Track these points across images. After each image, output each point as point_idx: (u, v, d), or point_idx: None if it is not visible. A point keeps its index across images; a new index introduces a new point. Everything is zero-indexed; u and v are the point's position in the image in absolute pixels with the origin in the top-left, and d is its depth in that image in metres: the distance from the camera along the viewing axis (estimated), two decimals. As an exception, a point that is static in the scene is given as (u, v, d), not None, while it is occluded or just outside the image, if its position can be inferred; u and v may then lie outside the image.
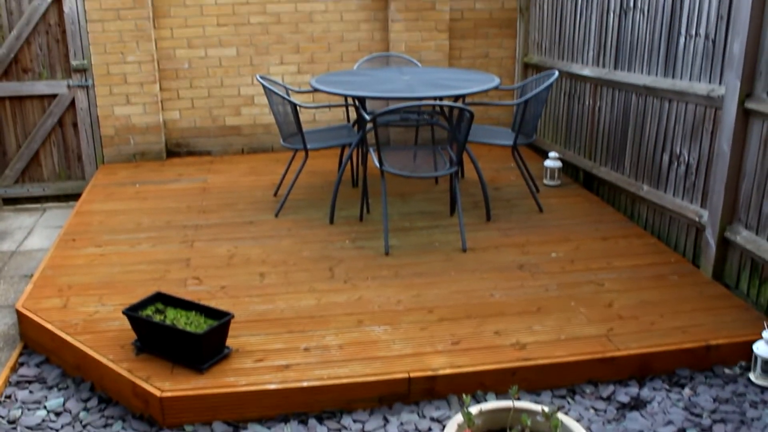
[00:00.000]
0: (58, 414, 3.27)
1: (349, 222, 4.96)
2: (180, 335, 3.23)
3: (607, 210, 5.19)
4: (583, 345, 3.42)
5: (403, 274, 4.16)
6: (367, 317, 3.69)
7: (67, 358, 3.56)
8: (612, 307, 3.77)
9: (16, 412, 3.27)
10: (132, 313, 3.40)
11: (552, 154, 5.74)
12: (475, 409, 2.76)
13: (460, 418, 2.69)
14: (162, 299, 3.56)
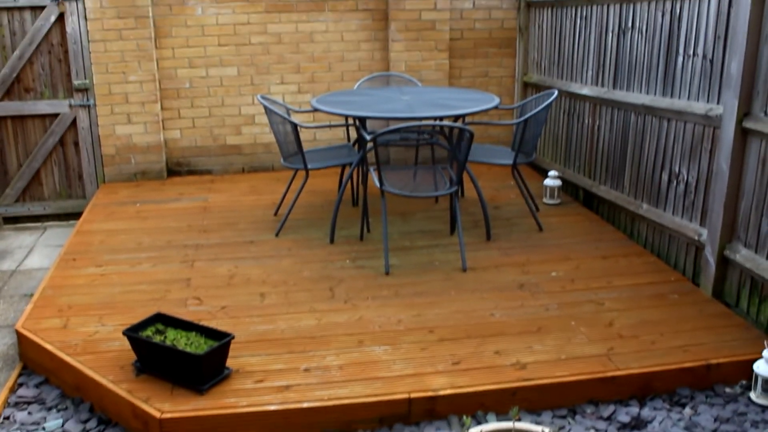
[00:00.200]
0: (57, 435, 3.26)
1: (349, 241, 4.97)
2: (180, 356, 3.23)
3: (607, 228, 5.20)
4: (584, 365, 3.41)
5: (403, 294, 4.17)
6: (368, 337, 3.69)
7: (67, 378, 3.55)
8: (612, 326, 3.77)
9: (16, 433, 3.27)
10: (132, 333, 3.40)
11: (552, 173, 5.75)
12: (475, 429, 2.76)
13: (460, 440, 2.69)
14: (162, 320, 3.56)
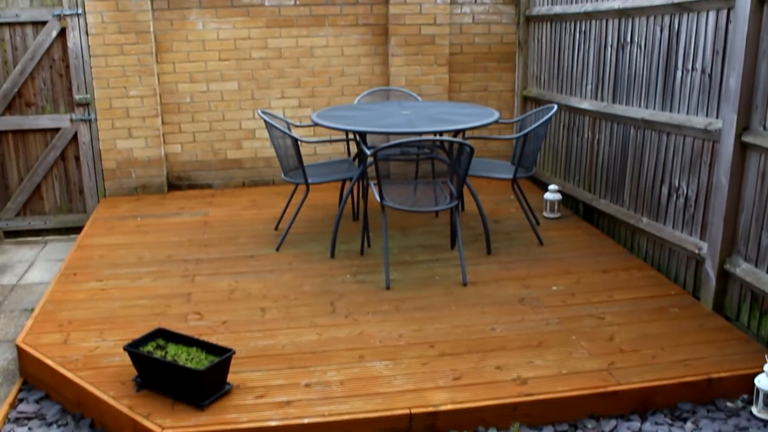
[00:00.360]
0: (57, 451, 3.26)
1: (349, 256, 4.97)
2: (181, 372, 3.23)
3: (607, 242, 5.20)
4: (585, 379, 3.41)
5: (404, 309, 4.17)
6: (369, 352, 3.69)
7: (67, 394, 3.54)
8: (613, 340, 3.77)
9: (16, 449, 3.26)
10: (133, 349, 3.40)
11: (552, 187, 5.76)
12: (476, 446, 2.76)
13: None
14: (163, 335, 3.56)
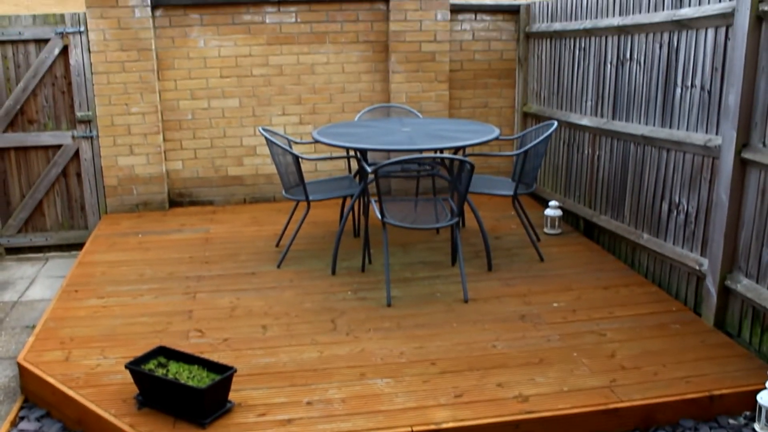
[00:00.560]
0: (58, 470, 3.25)
1: (350, 273, 4.98)
2: (182, 390, 3.23)
3: (607, 258, 5.21)
4: (586, 397, 3.41)
5: (405, 326, 4.17)
6: (370, 370, 3.68)
7: (69, 412, 3.54)
8: (614, 357, 3.77)
9: (17, 468, 3.25)
10: (134, 367, 3.39)
11: (552, 203, 5.77)
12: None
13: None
14: (164, 353, 3.56)
